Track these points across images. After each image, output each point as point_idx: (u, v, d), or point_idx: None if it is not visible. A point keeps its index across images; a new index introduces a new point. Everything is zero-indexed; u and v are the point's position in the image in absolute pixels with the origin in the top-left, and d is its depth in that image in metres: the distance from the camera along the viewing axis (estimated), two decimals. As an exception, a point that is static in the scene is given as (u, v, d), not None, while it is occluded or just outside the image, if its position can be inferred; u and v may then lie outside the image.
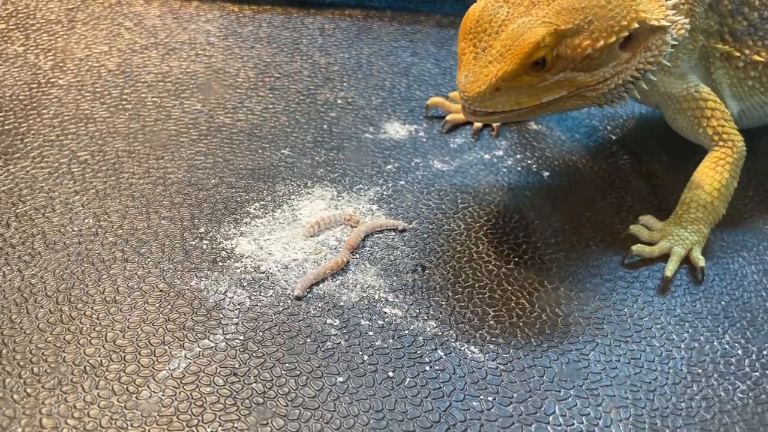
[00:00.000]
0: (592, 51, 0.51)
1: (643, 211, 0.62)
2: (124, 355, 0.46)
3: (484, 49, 0.51)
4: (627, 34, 0.52)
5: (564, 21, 0.51)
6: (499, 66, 0.50)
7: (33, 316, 0.48)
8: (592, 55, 0.51)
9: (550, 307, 0.53)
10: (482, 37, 0.51)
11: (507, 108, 0.52)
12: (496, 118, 0.55)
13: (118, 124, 0.67)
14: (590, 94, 0.54)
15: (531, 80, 0.51)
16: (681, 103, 0.61)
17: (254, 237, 0.56)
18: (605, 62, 0.53)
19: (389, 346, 0.49)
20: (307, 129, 0.69)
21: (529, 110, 0.53)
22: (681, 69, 0.61)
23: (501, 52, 0.50)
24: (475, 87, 0.51)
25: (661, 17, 0.54)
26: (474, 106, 0.52)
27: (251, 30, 0.84)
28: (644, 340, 0.51)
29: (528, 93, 0.52)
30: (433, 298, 0.53)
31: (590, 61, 0.52)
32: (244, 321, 0.49)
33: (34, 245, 0.53)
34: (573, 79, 0.52)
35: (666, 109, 0.62)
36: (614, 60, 0.53)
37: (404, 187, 0.63)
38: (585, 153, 0.69)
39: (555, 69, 0.51)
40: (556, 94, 0.53)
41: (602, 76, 0.53)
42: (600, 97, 0.55)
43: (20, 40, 0.77)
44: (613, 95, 0.56)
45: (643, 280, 0.56)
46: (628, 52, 0.54)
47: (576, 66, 0.52)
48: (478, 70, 0.51)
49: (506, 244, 0.58)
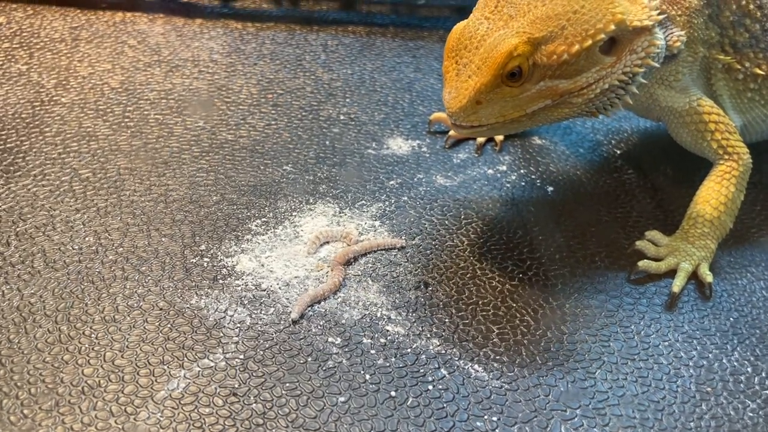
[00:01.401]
0: (568, 57, 0.51)
1: (648, 226, 0.61)
2: (123, 375, 0.46)
3: (465, 65, 0.51)
4: (604, 36, 0.51)
5: (537, 29, 0.50)
6: (477, 79, 0.50)
7: (31, 336, 0.48)
8: (569, 60, 0.51)
9: (555, 325, 0.52)
10: (463, 53, 0.52)
11: (492, 120, 0.52)
12: (484, 131, 0.54)
13: (120, 141, 0.67)
14: (576, 100, 0.53)
15: (512, 91, 0.51)
16: (684, 117, 0.60)
17: (255, 254, 0.55)
18: (587, 67, 0.52)
19: (391, 364, 0.48)
20: (309, 145, 0.68)
21: (516, 121, 0.53)
22: (682, 82, 0.60)
23: (479, 66, 0.50)
24: (457, 102, 0.51)
25: (643, 18, 0.53)
26: (459, 121, 0.52)
27: (254, 47, 0.84)
28: (652, 358, 0.50)
29: (511, 104, 0.52)
30: (436, 315, 0.52)
31: (569, 66, 0.51)
32: (244, 340, 0.49)
33: (34, 264, 0.53)
34: (555, 87, 0.52)
35: (669, 124, 0.62)
36: (597, 65, 0.52)
37: (407, 203, 0.62)
38: (589, 167, 0.69)
39: (534, 78, 0.51)
40: (540, 103, 0.52)
41: (585, 82, 0.52)
42: (588, 104, 0.54)
43: (24, 58, 0.77)
44: (603, 102, 0.55)
45: (650, 296, 0.55)
46: (612, 57, 0.53)
47: (555, 73, 0.51)
48: (459, 86, 0.51)
49: (510, 260, 0.57)
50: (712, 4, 0.59)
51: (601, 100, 0.55)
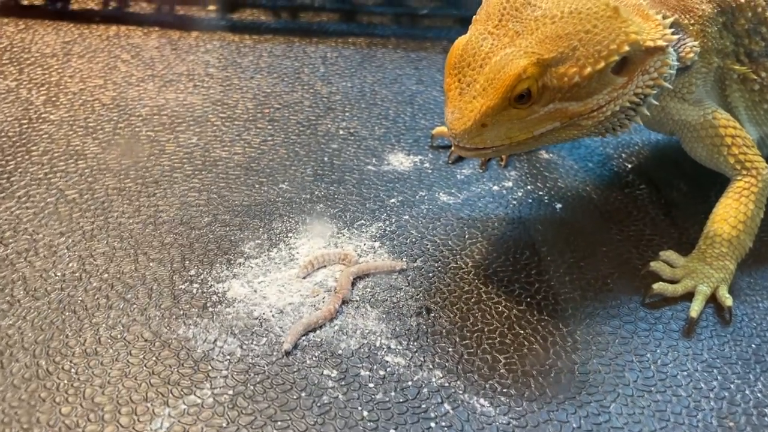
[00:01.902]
0: (580, 79, 0.48)
1: (663, 244, 0.58)
2: (103, 414, 0.43)
3: (469, 83, 0.48)
4: (617, 58, 0.49)
5: (547, 50, 0.48)
6: (483, 101, 0.48)
7: (7, 371, 0.45)
8: (581, 83, 0.48)
9: (566, 353, 0.49)
10: (467, 71, 0.49)
11: (498, 143, 0.49)
12: (488, 153, 0.51)
13: (109, 160, 0.64)
14: (586, 123, 0.50)
15: (519, 113, 0.48)
16: (698, 131, 0.57)
17: (248, 279, 0.53)
18: (598, 89, 0.49)
19: (391, 399, 0.45)
20: (306, 162, 0.66)
21: (522, 143, 0.50)
22: (696, 94, 0.57)
23: (484, 87, 0.48)
24: (460, 124, 0.48)
25: (657, 37, 0.50)
26: (462, 143, 0.49)
27: (251, 60, 0.81)
28: (669, 390, 0.47)
29: (518, 126, 0.49)
30: (439, 344, 0.49)
31: (580, 89, 0.49)
32: (233, 373, 0.46)
33: (14, 292, 0.50)
34: (564, 109, 0.49)
35: (683, 138, 0.59)
36: (608, 86, 0.50)
37: (408, 222, 0.59)
38: (599, 183, 0.66)
39: (543, 100, 0.48)
40: (549, 126, 0.50)
41: (596, 104, 0.50)
42: (598, 125, 0.51)
43: (13, 74, 0.75)
44: (613, 123, 0.52)
45: (666, 321, 0.52)
46: (624, 77, 0.50)
47: (565, 95, 0.49)
48: (463, 106, 0.48)
49: (517, 283, 0.54)
50: (726, 12, 0.56)
51: (612, 122, 0.52)
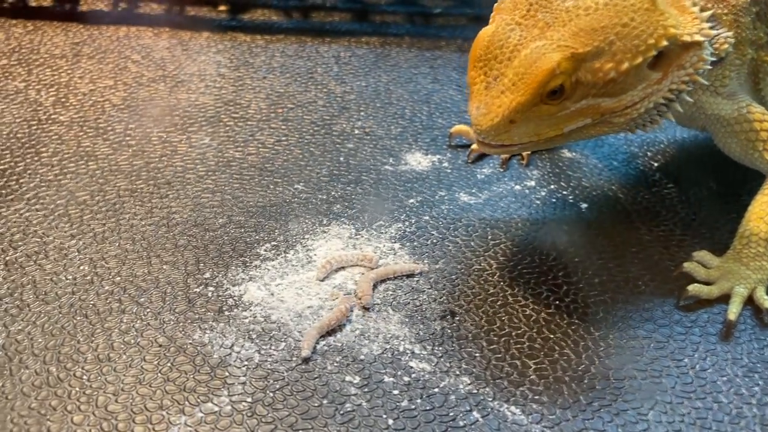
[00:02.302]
0: (615, 75, 0.46)
1: (695, 245, 0.56)
2: (116, 423, 0.41)
3: (496, 77, 0.46)
4: (655, 52, 0.47)
5: (582, 43, 0.45)
6: (512, 96, 0.45)
7: (17, 378, 0.43)
8: (617, 78, 0.46)
9: (599, 359, 0.47)
10: (493, 64, 0.46)
11: (525, 140, 0.47)
12: (514, 150, 0.50)
13: (120, 161, 0.62)
14: (617, 120, 0.48)
15: (550, 109, 0.46)
16: (732, 125, 0.55)
17: (265, 282, 0.51)
18: (633, 85, 0.47)
19: (417, 407, 0.43)
20: (322, 162, 0.64)
21: (550, 140, 0.48)
22: (729, 87, 0.55)
23: (514, 81, 0.45)
24: (487, 120, 0.46)
25: (694, 31, 0.48)
26: (488, 140, 0.47)
27: (264, 60, 0.80)
28: (710, 396, 0.45)
29: (547, 123, 0.47)
30: (465, 349, 0.47)
31: (615, 84, 0.46)
32: (252, 380, 0.44)
33: (23, 296, 0.48)
34: (597, 105, 0.47)
35: (715, 133, 0.57)
36: (643, 82, 0.47)
37: (428, 223, 0.57)
38: (625, 182, 0.64)
39: (576, 96, 0.46)
40: (579, 123, 0.47)
41: (630, 101, 0.48)
42: (629, 122, 0.49)
43: (22, 75, 0.73)
44: (644, 120, 0.50)
45: (702, 324, 0.50)
46: (658, 72, 0.48)
47: (599, 91, 0.46)
48: (490, 101, 0.46)
49: (544, 285, 0.52)
50: (760, 2, 0.54)
51: (644, 119, 0.50)
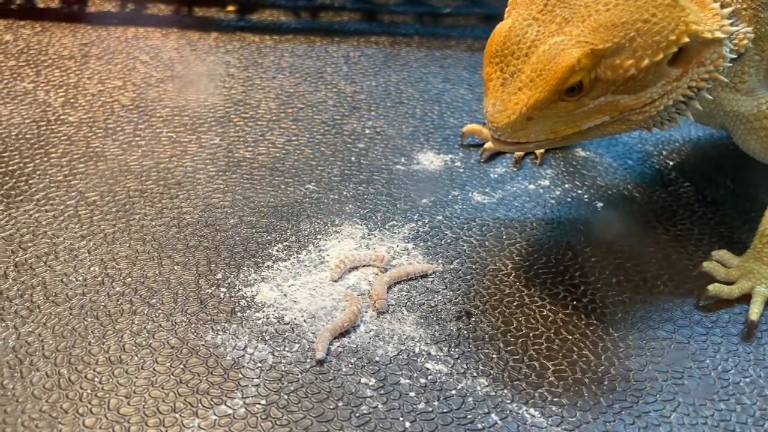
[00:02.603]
0: (636, 71, 0.45)
1: (713, 244, 0.55)
2: (129, 426, 0.40)
3: (513, 74, 0.45)
4: (676, 49, 0.46)
5: (602, 39, 0.44)
6: (530, 93, 0.44)
7: (27, 381, 0.42)
8: (637, 75, 0.45)
9: (619, 360, 0.46)
10: (510, 60, 0.46)
11: (541, 137, 0.46)
12: (530, 147, 0.49)
13: (130, 161, 0.62)
14: (636, 118, 0.48)
15: (567, 106, 0.45)
16: (752, 122, 0.54)
17: (277, 282, 0.50)
18: (652, 82, 0.46)
19: (434, 409, 0.42)
20: (333, 162, 0.63)
21: (566, 138, 0.47)
22: (749, 84, 0.54)
23: (531, 78, 0.44)
24: (504, 117, 0.45)
25: (715, 28, 0.47)
26: (504, 137, 0.46)
27: (273, 60, 0.79)
28: (733, 398, 0.44)
29: (565, 120, 0.46)
30: (482, 350, 0.46)
31: (635, 82, 0.45)
32: (266, 382, 0.43)
33: (33, 298, 0.48)
34: (616, 103, 0.46)
35: (734, 130, 0.56)
36: (662, 79, 0.47)
37: (442, 223, 0.56)
38: (641, 181, 0.63)
39: (594, 93, 0.45)
40: (597, 120, 0.47)
41: (649, 98, 0.47)
42: (647, 120, 0.49)
43: (30, 76, 0.73)
44: (663, 117, 0.49)
45: (723, 325, 0.49)
46: (678, 69, 0.47)
47: (618, 88, 0.46)
48: (506, 98, 0.45)
49: (561, 286, 0.51)
50: None
51: (662, 116, 0.49)
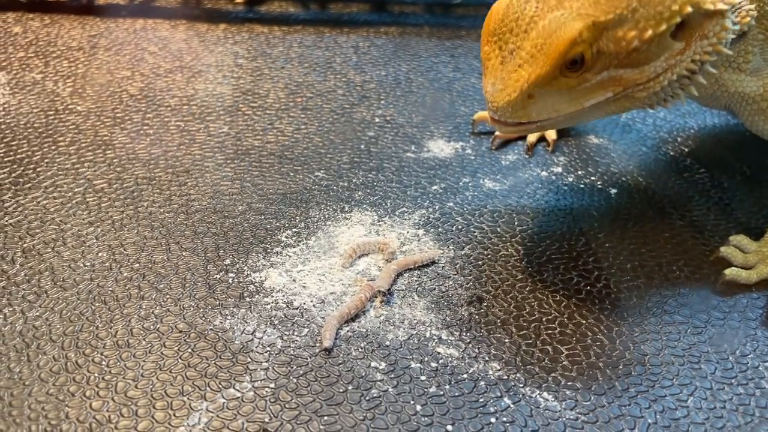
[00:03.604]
0: (639, 43, 0.44)
1: (729, 230, 0.54)
2: (136, 409, 0.40)
3: (512, 51, 0.44)
4: (679, 19, 0.44)
5: (603, 11, 0.43)
6: (531, 69, 0.43)
7: (34, 365, 0.42)
8: (640, 48, 0.44)
9: (633, 344, 0.45)
10: (509, 38, 0.44)
11: (543, 116, 0.45)
12: (532, 128, 0.47)
13: (138, 149, 0.61)
14: (640, 94, 0.46)
15: (569, 82, 0.44)
16: (758, 102, 0.53)
17: (286, 268, 0.49)
18: (655, 55, 0.45)
19: (445, 393, 0.41)
20: (342, 150, 0.62)
21: (569, 117, 0.46)
22: (753, 63, 0.52)
23: (532, 53, 0.43)
24: (504, 96, 0.44)
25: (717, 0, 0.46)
26: (505, 117, 0.45)
27: (281, 50, 0.79)
28: (752, 382, 0.43)
29: (567, 98, 0.45)
30: (494, 334, 0.45)
31: (638, 54, 0.44)
32: (275, 366, 0.42)
33: (41, 283, 0.47)
34: (619, 77, 0.45)
35: (741, 112, 0.54)
36: (666, 52, 0.45)
37: (453, 210, 0.56)
38: (655, 168, 0.62)
39: (597, 67, 0.44)
40: (600, 96, 0.45)
41: (653, 72, 0.45)
42: (651, 96, 0.47)
43: (39, 67, 0.73)
44: (667, 93, 0.48)
45: (741, 309, 0.48)
46: (681, 42, 0.46)
47: (621, 62, 0.44)
48: (506, 76, 0.44)
49: (574, 271, 0.50)
50: None
51: (666, 92, 0.48)
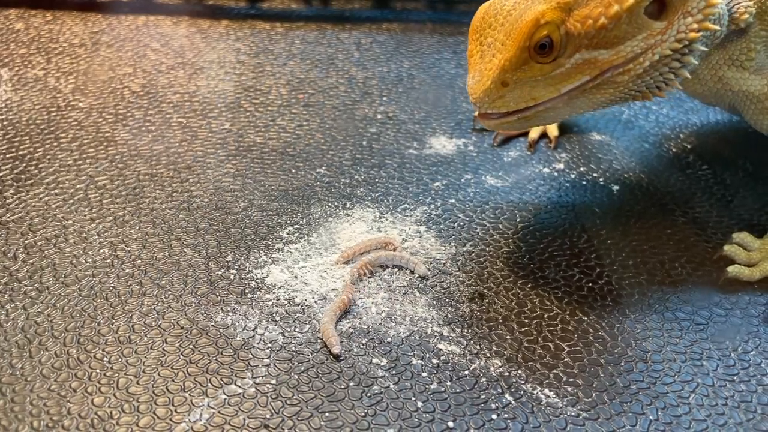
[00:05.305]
0: (606, 20, 0.43)
1: (732, 227, 0.54)
2: (138, 405, 0.40)
3: (490, 44, 0.45)
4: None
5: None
6: (501, 56, 0.44)
7: (36, 361, 0.42)
8: (608, 25, 0.43)
9: (635, 341, 0.45)
10: (488, 32, 0.45)
11: (521, 105, 0.45)
12: (514, 122, 0.46)
13: (140, 146, 0.61)
14: (622, 78, 0.45)
15: (543, 68, 0.44)
16: (763, 101, 0.52)
17: (288, 265, 0.49)
18: (630, 34, 0.44)
19: (447, 389, 0.41)
20: (344, 146, 0.62)
21: (551, 108, 0.46)
22: (756, 61, 0.52)
23: (503, 42, 0.44)
24: (480, 86, 0.44)
25: None
26: (484, 108, 0.45)
27: (284, 47, 0.79)
28: (754, 379, 0.43)
29: (543, 84, 0.44)
30: (496, 331, 0.45)
31: (608, 33, 0.44)
32: (276, 362, 0.42)
33: (43, 279, 0.47)
34: (593, 59, 0.44)
35: (745, 111, 0.54)
36: (643, 31, 0.44)
37: (455, 206, 0.56)
38: (658, 164, 0.61)
39: (569, 50, 0.44)
40: (577, 81, 0.45)
41: (630, 52, 0.44)
42: (636, 81, 0.46)
43: (41, 64, 0.73)
44: (655, 78, 0.46)
45: (743, 306, 0.47)
46: (662, 21, 0.45)
47: (593, 42, 0.44)
48: (483, 67, 0.44)
49: (576, 268, 0.50)
50: None
51: (653, 76, 0.46)
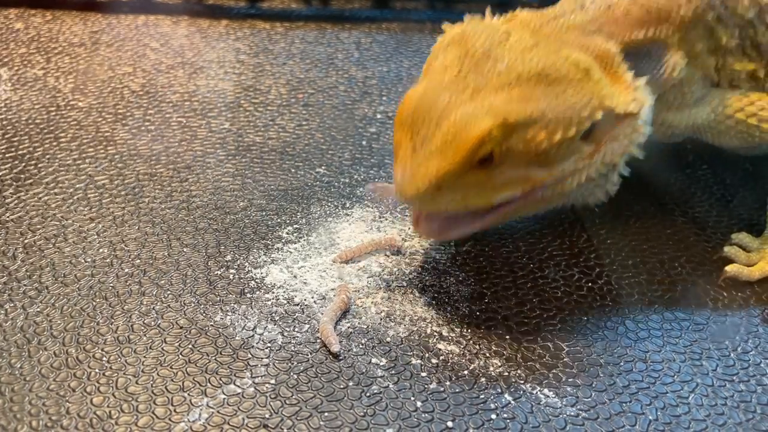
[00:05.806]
0: (548, 145, 0.43)
1: (732, 226, 0.54)
2: (137, 404, 0.40)
3: (423, 142, 0.43)
4: (589, 125, 0.44)
5: (515, 111, 0.42)
6: (440, 163, 0.42)
7: (35, 360, 0.42)
8: (548, 149, 0.43)
9: (635, 341, 0.45)
10: (420, 127, 0.43)
11: (452, 207, 0.44)
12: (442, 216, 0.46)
13: (139, 145, 0.61)
14: (549, 193, 0.46)
15: (479, 177, 0.43)
16: (715, 127, 0.51)
17: (287, 264, 0.49)
18: (565, 157, 0.44)
19: (446, 389, 0.41)
20: (344, 146, 0.62)
21: (481, 216, 0.45)
22: (695, 95, 0.51)
23: (442, 147, 0.42)
24: (412, 187, 0.42)
25: (629, 102, 0.45)
26: (414, 208, 0.45)
27: (283, 46, 0.79)
28: (753, 379, 0.43)
29: (476, 191, 0.44)
30: (495, 331, 0.45)
31: (547, 156, 0.43)
32: (275, 362, 0.42)
33: (42, 279, 0.47)
34: (527, 176, 0.44)
35: (706, 138, 0.53)
36: (575, 154, 0.45)
37: (454, 206, 0.56)
38: (657, 164, 0.61)
39: (506, 164, 0.43)
40: (509, 194, 0.44)
41: (561, 173, 0.45)
42: (563, 196, 0.47)
43: (41, 63, 0.73)
44: (581, 194, 0.48)
45: (743, 306, 0.47)
46: (591, 144, 0.45)
47: (531, 161, 0.44)
48: (416, 167, 0.43)
49: (576, 268, 0.50)
50: (715, 6, 0.49)
51: (579, 193, 0.48)
